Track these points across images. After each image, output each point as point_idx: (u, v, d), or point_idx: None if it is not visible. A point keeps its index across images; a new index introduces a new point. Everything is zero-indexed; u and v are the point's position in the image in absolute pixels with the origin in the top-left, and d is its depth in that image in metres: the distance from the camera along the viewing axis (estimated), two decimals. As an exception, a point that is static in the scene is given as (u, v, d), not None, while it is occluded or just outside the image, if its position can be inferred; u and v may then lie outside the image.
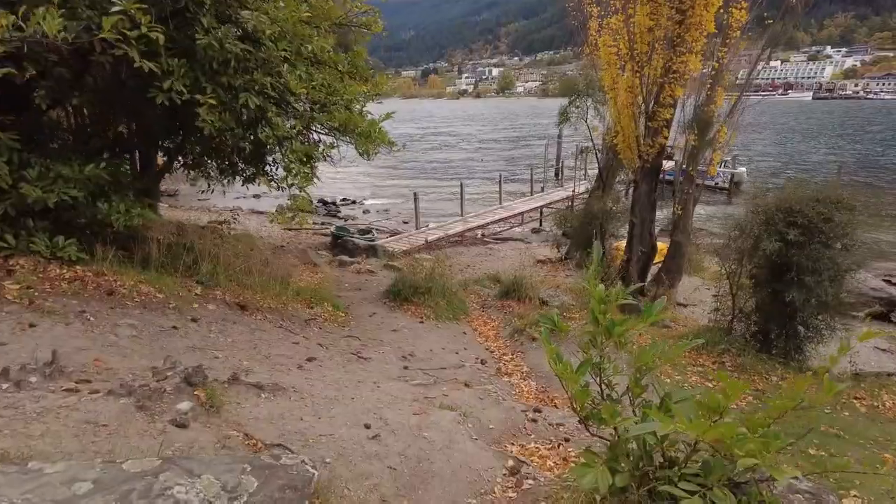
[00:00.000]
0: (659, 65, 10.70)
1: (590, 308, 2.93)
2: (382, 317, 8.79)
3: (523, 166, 41.76)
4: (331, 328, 7.48)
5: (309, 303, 8.57)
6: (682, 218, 12.11)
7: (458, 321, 9.19)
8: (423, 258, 16.26)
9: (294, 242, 19.79)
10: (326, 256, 16.53)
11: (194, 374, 3.71)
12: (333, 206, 30.08)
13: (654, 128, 11.00)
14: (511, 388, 5.96)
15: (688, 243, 12.44)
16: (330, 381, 4.77)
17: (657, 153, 11.30)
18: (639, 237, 11.88)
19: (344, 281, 13.33)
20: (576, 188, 25.05)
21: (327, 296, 9.30)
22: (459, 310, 9.67)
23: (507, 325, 9.02)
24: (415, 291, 9.34)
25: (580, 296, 10.63)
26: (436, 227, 19.74)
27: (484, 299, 11.17)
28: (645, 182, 11.67)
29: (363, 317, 8.79)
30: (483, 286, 12.36)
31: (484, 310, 10.44)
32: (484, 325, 9.31)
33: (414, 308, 9.13)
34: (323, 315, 8.19)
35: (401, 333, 7.84)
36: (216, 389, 3.69)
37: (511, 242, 20.90)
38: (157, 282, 6.13)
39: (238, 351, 5.22)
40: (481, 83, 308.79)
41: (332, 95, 8.11)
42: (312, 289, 9.67)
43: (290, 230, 23.45)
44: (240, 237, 18.29)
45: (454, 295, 9.83)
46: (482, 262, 16.64)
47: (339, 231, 19.05)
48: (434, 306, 9.15)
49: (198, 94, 6.38)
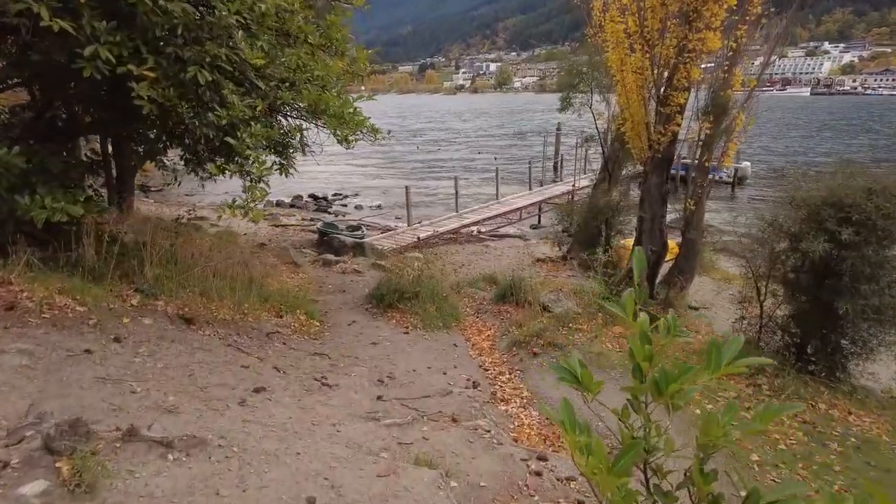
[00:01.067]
0: (672, 44, 9.62)
1: (628, 349, 1.86)
2: (362, 326, 7.73)
3: (521, 161, 40.70)
4: (297, 343, 6.42)
5: (278, 311, 7.51)
6: (695, 213, 11.05)
7: (448, 330, 8.14)
8: (415, 257, 15.21)
9: (279, 240, 18.73)
10: (311, 255, 15.45)
11: (68, 432, 2.65)
12: (324, 202, 28.99)
13: (666, 113, 9.93)
14: (508, 421, 4.91)
15: (701, 241, 11.40)
16: (275, 425, 3.71)
17: (669, 142, 10.23)
18: (648, 234, 10.82)
19: (327, 282, 12.27)
20: (576, 182, 24.00)
21: (301, 301, 8.23)
22: (451, 316, 8.63)
23: (505, 335, 7.98)
24: (401, 296, 8.29)
25: (584, 299, 9.61)
26: (429, 224, 18.67)
27: (479, 303, 10.12)
28: (655, 174, 10.60)
29: (341, 326, 7.73)
30: (478, 288, 11.31)
31: (478, 315, 9.40)
32: (478, 333, 8.26)
33: (399, 315, 8.07)
34: (292, 325, 7.13)
35: (381, 348, 6.78)
36: (98, 454, 2.62)
37: (508, 240, 19.84)
38: (81, 291, 5.06)
39: (166, 381, 4.15)
40: (478, 78, 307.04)
41: (301, 72, 7.04)
42: (285, 293, 8.61)
43: (278, 227, 22.46)
44: (221, 234, 17.29)
45: (445, 300, 8.77)
46: (477, 261, 15.58)
47: (326, 228, 17.96)
48: (422, 313, 8.09)
49: (131, 65, 5.30)
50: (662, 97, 9.95)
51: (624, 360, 5.98)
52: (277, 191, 33.04)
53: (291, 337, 6.54)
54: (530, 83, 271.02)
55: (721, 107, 10.27)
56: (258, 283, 9.16)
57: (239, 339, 5.70)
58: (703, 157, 11.03)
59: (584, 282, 12.87)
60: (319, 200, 29.18)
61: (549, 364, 6.18)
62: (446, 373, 6.02)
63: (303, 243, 18.28)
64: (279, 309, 7.64)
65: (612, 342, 6.51)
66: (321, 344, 6.66)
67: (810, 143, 51.72)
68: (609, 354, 6.12)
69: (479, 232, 20.15)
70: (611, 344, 6.45)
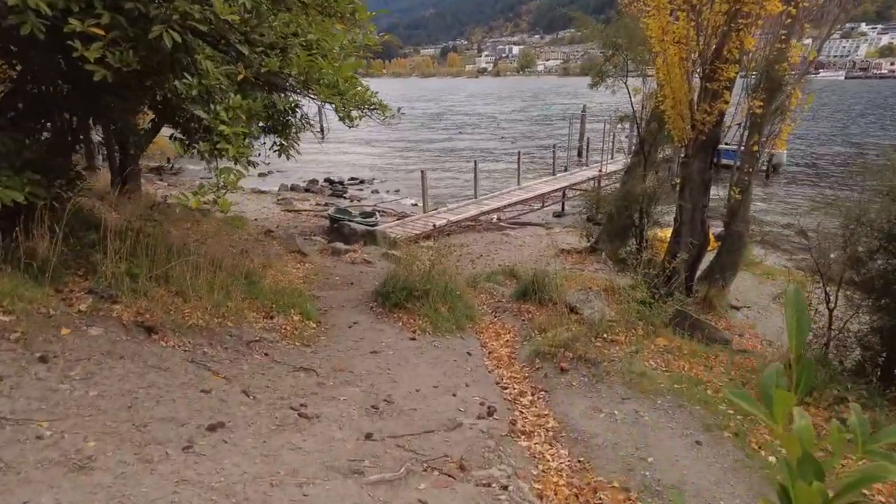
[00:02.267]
0: (723, 9, 8.41)
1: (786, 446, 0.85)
2: (364, 329, 6.79)
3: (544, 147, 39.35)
4: (284, 352, 5.49)
5: (268, 311, 6.59)
6: (741, 203, 9.88)
7: (462, 333, 7.16)
8: (428, 246, 14.24)
9: (290, 226, 17.90)
10: (320, 243, 14.58)
11: None
12: (340, 187, 28.11)
13: (713, 90, 8.76)
14: (531, 465, 3.92)
15: (747, 234, 10.23)
16: (221, 488, 2.77)
17: (715, 122, 9.06)
18: (688, 225, 9.69)
19: (334, 273, 11.37)
20: (603, 168, 22.75)
21: (299, 298, 7.31)
22: (465, 317, 7.65)
23: (526, 341, 6.97)
24: (409, 295, 7.31)
25: (618, 300, 8.58)
26: (446, 211, 17.65)
27: (497, 301, 9.13)
28: (698, 158, 9.44)
29: (340, 328, 6.80)
30: (496, 283, 10.29)
31: (496, 315, 8.40)
32: (496, 337, 7.27)
33: (407, 317, 7.11)
34: (282, 329, 6.20)
35: (382, 358, 5.82)
36: None
37: (530, 228, 18.75)
38: (14, 293, 4.16)
39: (94, 417, 3.25)
40: (501, 61, 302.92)
41: (295, 37, 6.04)
42: (282, 289, 7.70)
43: (291, 212, 21.66)
44: (230, 220, 16.50)
45: (459, 298, 7.79)
46: (497, 252, 14.56)
47: (338, 214, 17.07)
48: (432, 315, 7.12)
49: (75, 20, 4.35)
50: (709, 71, 8.77)
51: (673, 385, 4.96)
52: (293, 175, 32.30)
53: (278, 345, 5.62)
54: (554, 66, 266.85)
55: (776, 82, 9.05)
56: (255, 275, 8.30)
57: (209, 352, 4.78)
58: (751, 139, 9.83)
59: (614, 276, 11.79)
60: (335, 185, 28.32)
61: (579, 383, 5.19)
62: (456, 394, 5.04)
63: (314, 230, 17.44)
64: (270, 308, 6.72)
65: (656, 358, 5.46)
66: (312, 353, 5.72)
67: (847, 128, 49.29)
68: (654, 376, 5.08)
69: (499, 219, 19.10)
70: (654, 361, 5.41)
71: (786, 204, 23.43)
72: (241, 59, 5.78)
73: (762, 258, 14.09)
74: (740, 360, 5.86)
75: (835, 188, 26.23)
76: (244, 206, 22.06)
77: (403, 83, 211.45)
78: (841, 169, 30.46)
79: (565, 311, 7.85)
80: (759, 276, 13.20)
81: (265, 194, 25.60)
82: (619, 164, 25.71)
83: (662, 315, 5.94)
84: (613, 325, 5.90)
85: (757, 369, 5.47)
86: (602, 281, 11.51)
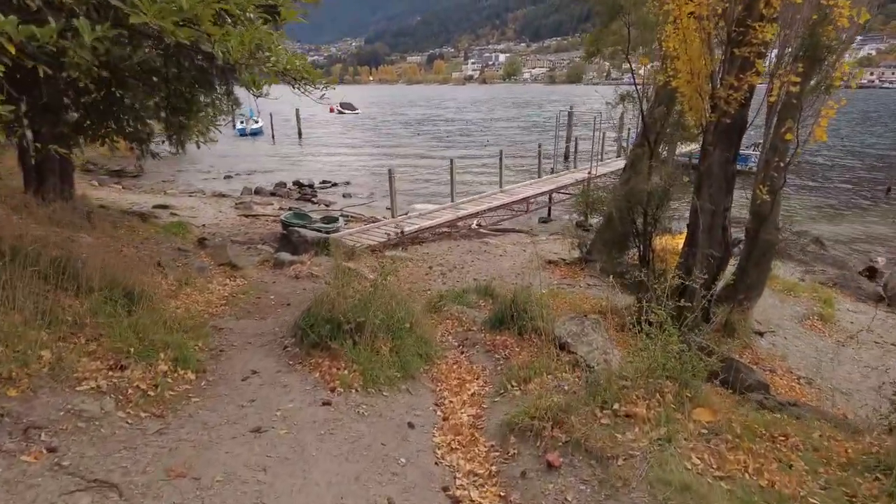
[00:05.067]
0: (756, -49, 6.48)
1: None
2: (262, 383, 4.67)
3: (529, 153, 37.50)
4: (94, 441, 3.36)
5: (118, 358, 4.45)
6: (771, 206, 7.93)
7: (410, 384, 5.09)
8: (394, 257, 12.13)
9: (241, 232, 15.72)
10: (265, 252, 12.42)
11: None
12: (310, 190, 25.97)
13: (742, 57, 6.79)
14: None
15: (777, 243, 8.26)
16: None
17: (744, 100, 7.09)
18: (707, 233, 7.69)
19: (270, 291, 9.26)
20: (593, 169, 20.84)
21: (180, 337, 5.16)
22: (418, 356, 5.57)
23: (500, 396, 4.91)
24: (336, 329, 5.20)
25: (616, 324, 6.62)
26: (417, 216, 15.55)
27: (466, 329, 7.07)
28: (720, 147, 7.45)
29: (227, 383, 4.68)
30: (466, 304, 8.21)
31: (464, 351, 6.34)
32: (459, 389, 5.19)
33: (329, 362, 4.99)
34: (132, 388, 4.08)
35: (264, 444, 3.69)
36: None
37: (513, 235, 16.72)
38: None
39: None
40: (487, 69, 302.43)
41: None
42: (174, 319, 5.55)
43: (248, 216, 19.53)
44: (169, 227, 14.40)
45: (409, 331, 5.69)
46: (473, 263, 12.48)
47: (291, 219, 14.90)
48: (366, 358, 5.02)
49: None
50: (737, 33, 6.80)
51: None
52: (261, 177, 30.06)
53: (94, 425, 3.48)
54: (540, 74, 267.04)
55: (819, 49, 7.10)
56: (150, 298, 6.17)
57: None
58: (782, 125, 7.88)
59: (611, 295, 9.77)
60: (304, 188, 26.17)
61: (578, 497, 3.09)
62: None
63: (267, 237, 15.26)
64: (127, 353, 4.58)
65: (701, 449, 3.30)
66: (156, 435, 3.60)
67: (836, 136, 47.95)
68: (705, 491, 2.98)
69: (479, 226, 17.06)
70: (699, 454, 3.27)
71: (783, 210, 21.60)
72: None
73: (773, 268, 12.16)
74: (820, 437, 3.83)
75: (832, 195, 24.50)
76: (199, 211, 19.87)
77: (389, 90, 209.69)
78: (837, 175, 28.83)
79: (553, 347, 5.78)
80: (779, 292, 11.25)
81: (226, 198, 23.43)
82: (610, 166, 23.89)
83: (700, 367, 3.91)
84: (626, 387, 3.83)
85: (854, 460, 3.43)
86: (597, 301, 9.48)
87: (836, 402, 7.22)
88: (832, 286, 12.00)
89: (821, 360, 8.52)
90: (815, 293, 11.30)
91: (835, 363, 8.61)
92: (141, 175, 29.15)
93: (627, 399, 3.70)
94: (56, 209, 12.46)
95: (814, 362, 8.49)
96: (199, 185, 27.07)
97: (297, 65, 6.09)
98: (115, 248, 10.41)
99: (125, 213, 15.18)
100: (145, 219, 15.45)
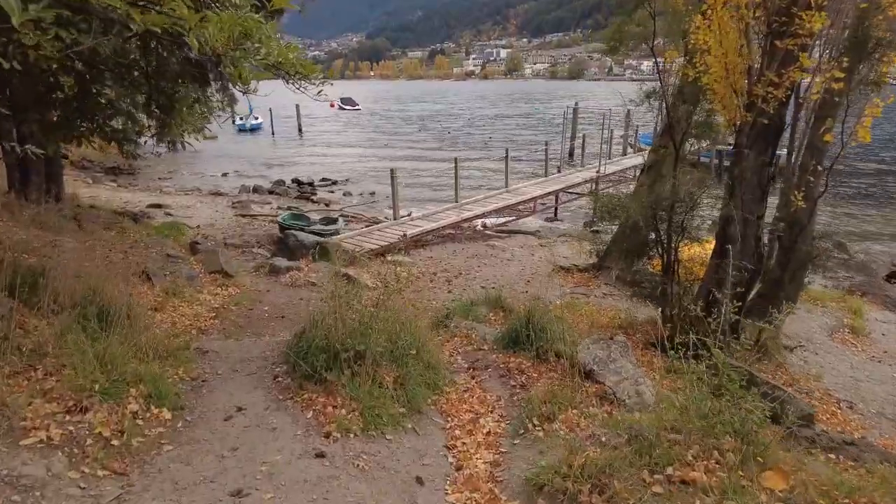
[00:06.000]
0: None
1: None
2: (248, 425, 4.05)
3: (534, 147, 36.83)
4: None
5: (79, 397, 3.82)
6: (809, 214, 7.29)
7: (417, 421, 4.47)
8: (396, 262, 11.49)
9: (238, 234, 15.11)
10: (261, 257, 11.80)
11: None
12: (309, 188, 25.33)
13: (784, 49, 6.13)
14: None
15: (816, 255, 7.61)
16: None
17: (783, 98, 6.43)
18: (738, 243, 7.04)
19: (265, 302, 8.67)
20: (602, 168, 20.17)
21: (154, 370, 4.53)
22: (425, 386, 4.95)
23: (520, 437, 4.29)
24: (333, 358, 4.56)
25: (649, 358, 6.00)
26: (420, 218, 14.90)
27: (477, 348, 6.45)
28: (755, 149, 6.81)
29: (207, 424, 4.06)
30: (476, 318, 7.60)
31: (475, 376, 5.71)
32: (472, 427, 4.57)
33: (325, 398, 4.36)
34: (90, 437, 3.47)
35: None
36: None
37: (520, 237, 16.09)
38: None
39: None
40: (489, 64, 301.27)
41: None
42: (138, 346, 4.90)
43: (245, 216, 18.92)
44: (162, 228, 13.82)
45: (416, 357, 5.06)
46: (480, 268, 11.85)
47: (288, 220, 14.26)
48: (367, 393, 4.39)
49: None
50: (779, 23, 6.14)
51: None
52: (260, 174, 29.42)
53: (36, 496, 2.86)
54: (541, 70, 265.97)
55: (867, 42, 6.45)
56: (126, 314, 5.53)
57: None
58: (820, 125, 7.25)
59: (628, 304, 9.14)
60: (303, 186, 25.53)
61: None
62: None
63: (264, 239, 14.66)
64: (92, 390, 3.95)
65: None
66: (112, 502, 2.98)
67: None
68: None
69: (484, 227, 16.42)
70: None
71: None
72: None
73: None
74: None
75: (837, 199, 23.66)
76: (195, 210, 19.24)
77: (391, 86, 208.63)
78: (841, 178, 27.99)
79: (578, 374, 5.16)
80: (804, 302, 10.59)
81: (223, 197, 22.81)
82: (619, 164, 23.22)
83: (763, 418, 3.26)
84: (675, 441, 3.19)
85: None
86: (614, 313, 8.86)
87: (884, 429, 6.60)
88: (861, 295, 11.34)
89: (858, 380, 7.89)
90: (842, 302, 10.66)
91: (873, 382, 7.98)
92: (137, 173, 28.52)
93: (681, 460, 3.07)
94: (40, 210, 11.85)
95: (851, 382, 7.86)
96: (197, 183, 26.47)
97: (291, 58, 5.45)
98: (100, 254, 9.79)
99: (117, 214, 14.55)
100: (137, 219, 14.81)
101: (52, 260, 7.53)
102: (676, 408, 3.62)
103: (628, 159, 25.08)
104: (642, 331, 7.88)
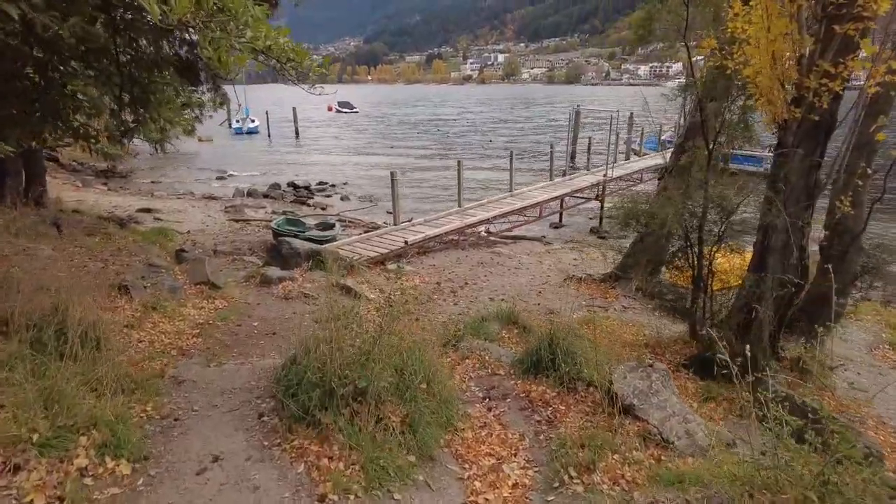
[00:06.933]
0: None
1: None
2: (224, 483, 3.29)
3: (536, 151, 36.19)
4: None
5: (11, 452, 3.06)
6: (864, 222, 6.56)
7: (427, 471, 3.71)
8: (396, 272, 10.72)
9: (229, 240, 14.31)
10: (253, 266, 11.01)
11: None
12: (306, 192, 24.54)
13: (843, 35, 5.40)
14: None
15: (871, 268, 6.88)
16: None
17: (839, 91, 5.70)
18: (780, 253, 6.29)
19: (254, 316, 7.90)
20: (609, 171, 19.46)
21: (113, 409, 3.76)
22: (436, 425, 4.19)
23: (554, 493, 3.53)
24: (328, 395, 3.80)
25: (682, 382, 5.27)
26: (422, 223, 14.14)
27: (491, 372, 5.69)
28: (803, 150, 6.07)
29: (175, 479, 3.30)
30: (487, 336, 6.83)
31: (492, 407, 4.96)
32: (493, 479, 3.80)
33: (318, 446, 3.59)
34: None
35: None
36: None
37: (525, 243, 15.35)
38: None
39: None
40: (486, 69, 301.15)
41: None
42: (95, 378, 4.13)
43: (237, 221, 18.16)
44: (150, 234, 13.04)
45: (426, 393, 4.30)
46: (487, 277, 11.09)
47: (282, 226, 13.49)
48: (369, 439, 3.63)
49: None
50: (836, 6, 5.41)
51: None
52: (255, 177, 28.60)
53: None
54: (539, 74, 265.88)
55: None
56: (88, 339, 4.78)
57: None
58: (871, 123, 6.52)
59: (650, 317, 8.39)
60: (300, 190, 24.76)
61: None
62: None
63: (258, 246, 13.84)
64: (29, 441, 3.18)
65: None
66: None
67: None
68: None
69: (488, 233, 15.67)
70: None
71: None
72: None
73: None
74: None
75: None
76: (185, 215, 18.47)
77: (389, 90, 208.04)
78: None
79: (615, 409, 4.40)
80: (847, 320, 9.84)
81: (216, 201, 22.03)
82: (625, 168, 22.51)
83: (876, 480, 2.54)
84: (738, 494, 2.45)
85: None
86: (638, 328, 8.11)
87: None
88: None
89: (909, 405, 7.14)
90: (878, 315, 9.92)
91: (924, 407, 7.23)
92: (129, 176, 27.72)
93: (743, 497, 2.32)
94: (16, 215, 11.07)
95: (901, 407, 7.11)
96: (190, 186, 25.66)
97: (282, 42, 4.73)
98: (77, 263, 9.04)
99: (102, 219, 13.78)
100: (124, 225, 14.05)
101: (19, 270, 6.80)
102: (745, 458, 2.86)
103: (634, 163, 24.40)
104: (671, 350, 7.13)
